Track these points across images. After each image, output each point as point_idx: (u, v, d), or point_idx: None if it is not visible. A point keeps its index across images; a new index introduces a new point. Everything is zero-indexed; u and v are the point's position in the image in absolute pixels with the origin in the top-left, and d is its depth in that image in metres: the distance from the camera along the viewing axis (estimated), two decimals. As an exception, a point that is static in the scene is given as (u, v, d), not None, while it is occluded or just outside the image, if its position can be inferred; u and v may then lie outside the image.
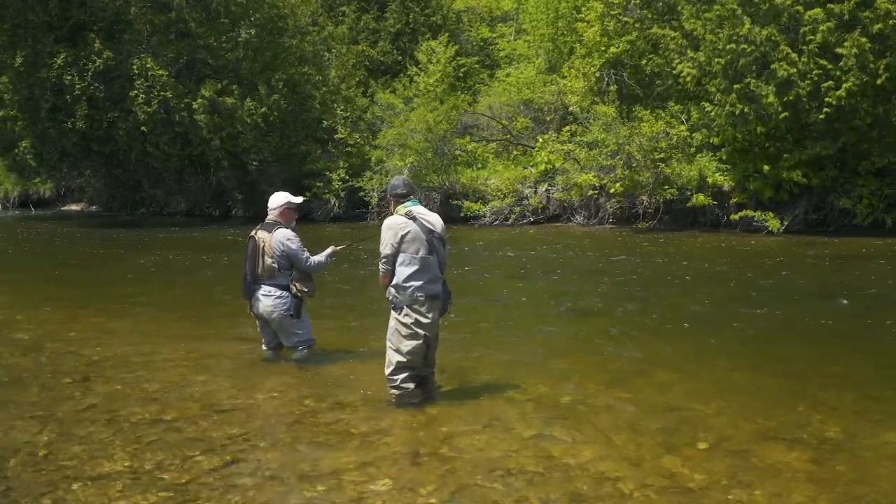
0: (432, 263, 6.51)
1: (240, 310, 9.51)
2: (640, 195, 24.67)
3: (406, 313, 6.54)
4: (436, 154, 28.36)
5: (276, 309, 7.80)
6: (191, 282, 15.04)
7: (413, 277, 6.48)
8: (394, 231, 6.49)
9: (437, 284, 6.56)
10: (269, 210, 7.98)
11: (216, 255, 19.35)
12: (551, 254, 18.24)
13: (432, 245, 6.48)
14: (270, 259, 7.68)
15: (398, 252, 6.47)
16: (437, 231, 6.57)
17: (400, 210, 6.58)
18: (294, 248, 7.75)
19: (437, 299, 6.57)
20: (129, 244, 22.94)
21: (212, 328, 10.21)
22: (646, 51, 25.90)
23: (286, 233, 7.78)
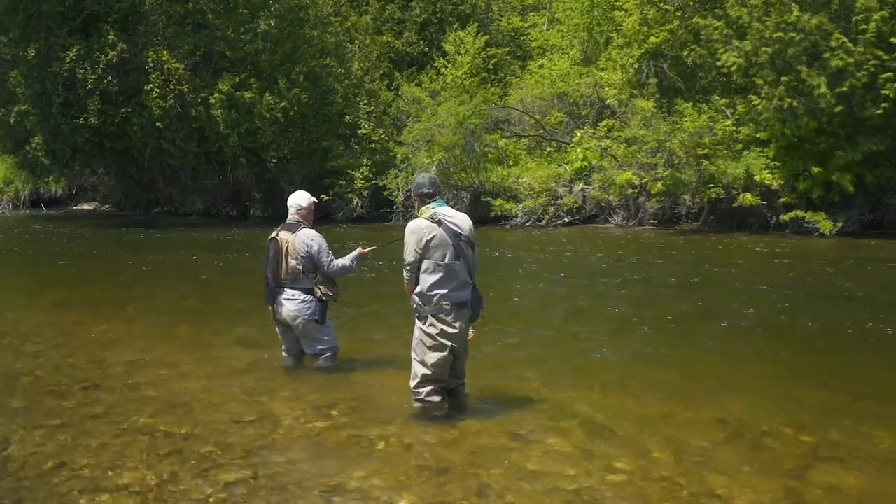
0: (459, 269, 6.47)
1: (259, 314, 9.60)
2: (682, 194, 24.55)
3: (431, 323, 6.53)
4: (465, 151, 28.26)
5: (300, 314, 7.80)
6: (207, 285, 15.16)
7: (438, 285, 6.46)
8: (417, 236, 6.47)
9: (464, 291, 6.53)
10: (289, 209, 8.00)
11: (233, 256, 19.55)
12: (588, 257, 18.24)
13: (459, 249, 6.45)
14: (294, 261, 7.68)
15: (422, 258, 6.45)
16: (464, 233, 6.52)
17: (424, 212, 6.56)
18: (318, 250, 7.75)
19: (464, 307, 6.54)
20: (143, 245, 23.11)
21: (229, 334, 10.22)
22: (687, 40, 25.89)
23: (310, 233, 7.79)
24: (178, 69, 30.08)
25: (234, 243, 23.21)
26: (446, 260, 6.42)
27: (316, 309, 7.81)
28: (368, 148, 31.77)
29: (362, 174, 30.69)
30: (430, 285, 6.48)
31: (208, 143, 31.22)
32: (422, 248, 6.42)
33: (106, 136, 30.81)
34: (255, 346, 9.38)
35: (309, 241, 7.72)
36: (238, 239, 24.62)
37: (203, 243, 23.25)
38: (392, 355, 8.76)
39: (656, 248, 19.79)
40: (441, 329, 6.51)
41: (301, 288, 7.81)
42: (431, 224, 6.45)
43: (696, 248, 19.64)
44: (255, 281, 12.30)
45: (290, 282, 7.79)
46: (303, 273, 7.76)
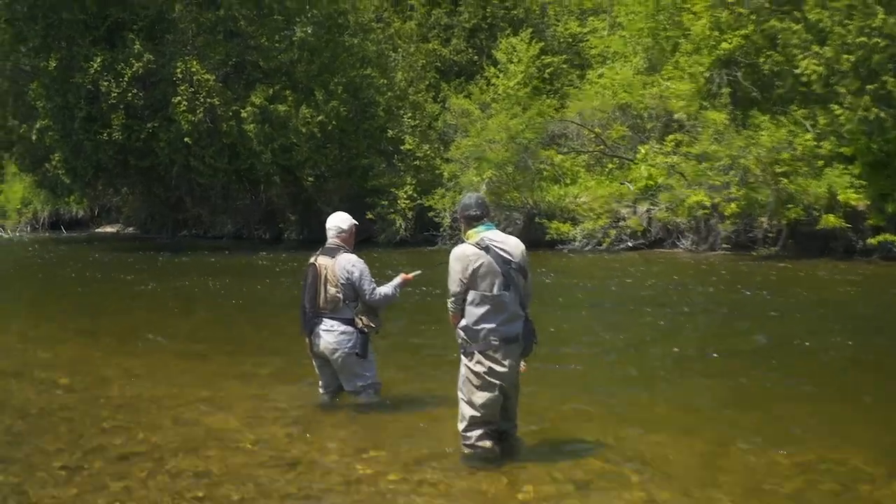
0: (509, 300, 6.48)
1: (293, 346, 9.69)
2: (758, 216, 24.43)
3: (478, 360, 6.54)
4: (517, 168, 28.42)
5: (339, 346, 7.86)
6: (237, 314, 15.35)
7: (485, 318, 6.48)
8: (462, 264, 6.47)
9: (514, 324, 6.53)
10: (328, 232, 8.07)
11: (265, 283, 19.74)
12: (643, 284, 18.23)
13: (509, 278, 6.45)
14: (334, 289, 7.74)
15: (468, 289, 6.47)
16: (515, 260, 6.52)
17: (472, 236, 6.57)
18: (360, 277, 7.80)
19: (514, 342, 6.54)
20: (169, 270, 23.47)
21: (261, 368, 10.30)
22: (763, 46, 25.73)
23: (351, 258, 7.85)
24: (208, 81, 30.30)
25: (267, 269, 23.39)
26: (494, 290, 6.44)
27: (357, 341, 7.86)
28: (413, 165, 31.90)
29: (406, 193, 30.80)
30: (476, 319, 6.48)
31: (240, 161, 31.36)
32: (468, 277, 6.44)
33: (131, 153, 31.11)
34: (289, 381, 9.47)
35: (349, 266, 7.77)
36: (271, 264, 24.83)
37: (233, 269, 23.49)
38: (438, 392, 8.77)
39: (726, 275, 19.72)
40: (489, 367, 6.52)
41: (341, 318, 7.86)
42: (478, 251, 6.46)
43: (773, 275, 19.56)
44: (289, 311, 12.73)
45: (329, 311, 7.83)
46: (343, 302, 7.80)
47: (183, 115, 29.96)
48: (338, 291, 7.74)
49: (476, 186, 27.73)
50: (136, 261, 27.10)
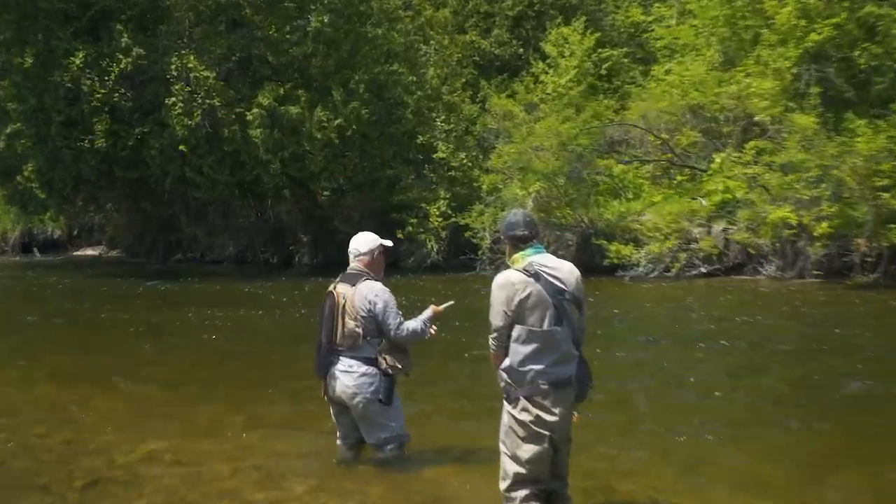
0: (561, 337, 6.51)
1: (306, 390, 9.85)
2: (854, 237, 24.23)
3: (523, 407, 6.57)
4: (570, 180, 28.56)
5: (359, 391, 7.93)
6: (239, 351, 15.45)
7: (533, 358, 6.50)
8: (507, 294, 6.48)
9: (567, 366, 6.58)
10: (350, 256, 8.16)
11: (270, 314, 19.89)
12: (731, 318, 18.19)
13: (562, 310, 6.48)
14: (353, 322, 7.84)
15: (513, 323, 6.49)
16: (568, 289, 6.54)
17: (518, 260, 6.61)
18: (384, 309, 7.84)
19: (566, 387, 6.58)
20: (158, 301, 23.43)
21: (269, 416, 10.36)
22: (859, 37, 25.65)
23: (374, 287, 7.91)
24: (207, 78, 30.31)
25: (274, 299, 23.44)
26: (544, 325, 6.46)
27: (380, 385, 7.91)
28: (447, 176, 32.04)
29: (438, 210, 30.86)
30: (522, 359, 6.51)
31: (244, 172, 31.41)
32: (513, 309, 6.45)
33: (116, 163, 31.01)
34: (300, 430, 9.53)
35: (372, 296, 7.82)
36: (277, 293, 24.87)
37: (234, 298, 23.55)
38: (476, 445, 8.84)
39: (814, 307, 19.66)
40: (537, 415, 6.54)
41: (361, 357, 7.93)
42: (526, 278, 6.48)
43: (869, 308, 19.38)
44: (298, 346, 13.47)
45: (348, 349, 7.90)
46: (363, 338, 7.87)
47: (178, 119, 29.93)
48: (357, 325, 7.82)
49: (521, 202, 27.87)
50: (121, 288, 27.25)
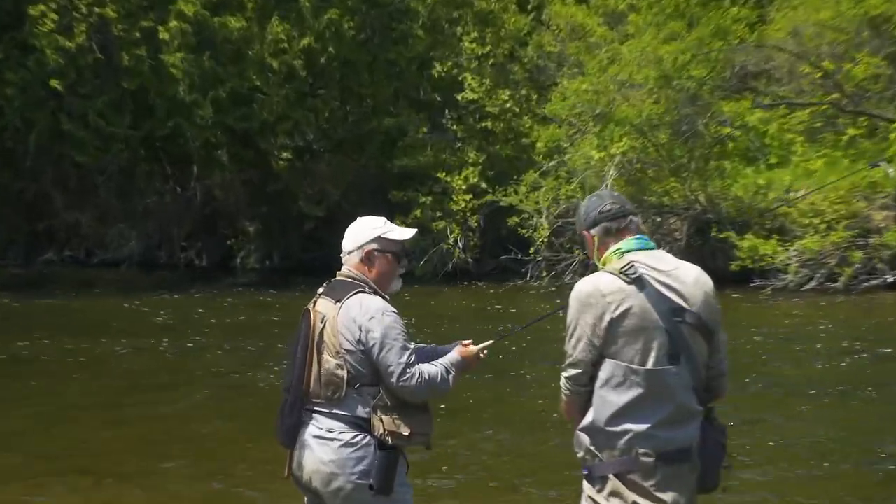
0: (676, 383, 6.38)
1: (262, 462, 10.98)
2: None
3: (614, 490, 6.43)
4: (677, 135, 28.84)
5: (340, 470, 7.55)
6: (156, 405, 16.05)
7: (631, 414, 6.37)
8: (595, 311, 6.36)
9: (684, 428, 6.43)
10: (343, 255, 8.00)
11: (205, 350, 20.78)
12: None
13: (679, 340, 6.37)
14: (334, 361, 7.52)
15: (601, 357, 6.40)
16: (691, 308, 6.45)
17: (611, 259, 6.50)
18: (381, 340, 7.49)
19: (682, 462, 6.39)
20: (10, 325, 24.05)
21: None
22: None
23: (371, 304, 7.58)
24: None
25: (195, 323, 24.19)
26: (649, 363, 6.37)
27: (373, 462, 7.53)
28: (479, 129, 32.53)
29: (466, 182, 31.24)
30: (614, 413, 6.42)
31: (154, 122, 32.08)
32: (602, 333, 6.37)
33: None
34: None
35: (364, 320, 7.51)
36: (203, 314, 25.55)
37: (143, 325, 24.17)
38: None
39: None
40: (634, 503, 6.38)
41: (344, 416, 7.62)
42: (624, 285, 6.36)
43: None
44: (235, 396, 15.48)
45: (326, 402, 7.63)
46: (349, 385, 7.55)
47: (48, 39, 30.14)
48: (340, 366, 7.54)
49: (597, 170, 28.84)
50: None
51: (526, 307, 25.07)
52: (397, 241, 7.71)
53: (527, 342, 18.26)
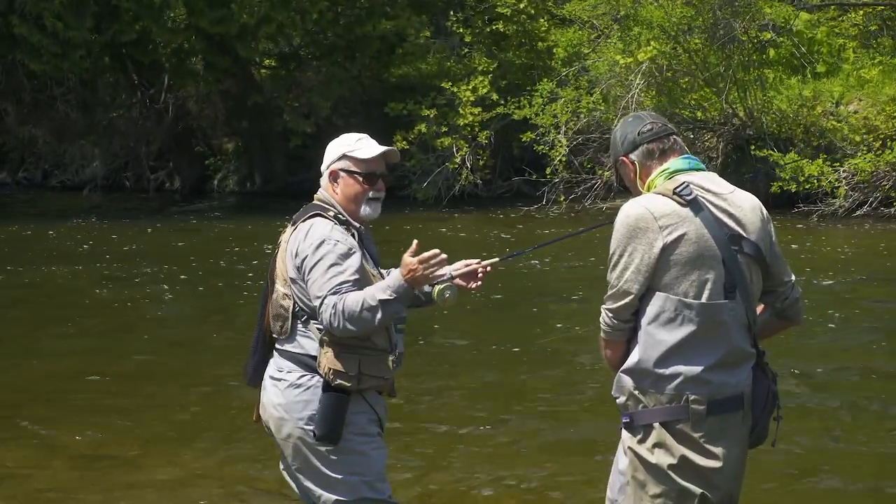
0: (732, 318, 6.14)
1: (238, 413, 11.55)
2: None
3: (658, 441, 6.19)
4: (711, 39, 28.44)
5: (288, 415, 7.47)
6: (119, 352, 15.74)
7: (682, 354, 6.14)
8: (646, 236, 6.16)
9: (739, 372, 6.21)
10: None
11: (161, 284, 20.65)
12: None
13: (737, 271, 6.12)
14: (283, 289, 7.47)
15: (649, 288, 6.15)
16: (749, 234, 6.26)
17: (659, 182, 6.24)
18: (311, 264, 7.40)
19: (735, 411, 6.21)
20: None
21: (182, 464, 11.12)
22: None
23: (317, 230, 7.40)
24: None
25: (179, 250, 24.49)
26: (704, 296, 6.15)
27: (316, 407, 7.42)
28: (488, 32, 32.39)
29: (474, 93, 30.67)
30: (664, 353, 6.20)
31: (119, 25, 31.38)
32: (653, 263, 6.14)
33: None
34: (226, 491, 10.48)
35: (305, 246, 7.44)
36: (171, 247, 25.25)
37: (105, 252, 24.13)
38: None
39: None
40: (682, 457, 6.18)
41: (294, 354, 7.52)
42: (678, 208, 6.16)
43: None
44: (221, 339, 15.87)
45: (279, 336, 7.59)
46: (294, 318, 7.48)
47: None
48: (287, 296, 7.47)
49: (622, 79, 28.44)
50: None
51: (541, 235, 24.71)
52: (364, 161, 7.45)
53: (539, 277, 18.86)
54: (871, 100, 27.66)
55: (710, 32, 27.89)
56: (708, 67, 28.14)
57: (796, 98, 28.00)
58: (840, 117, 27.58)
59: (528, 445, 11.21)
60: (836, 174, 26.37)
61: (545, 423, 11.76)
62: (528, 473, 10.15)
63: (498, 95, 30.37)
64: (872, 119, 26.99)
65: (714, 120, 28.50)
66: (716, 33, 27.86)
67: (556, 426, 11.78)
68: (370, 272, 7.50)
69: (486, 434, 11.47)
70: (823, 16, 31.04)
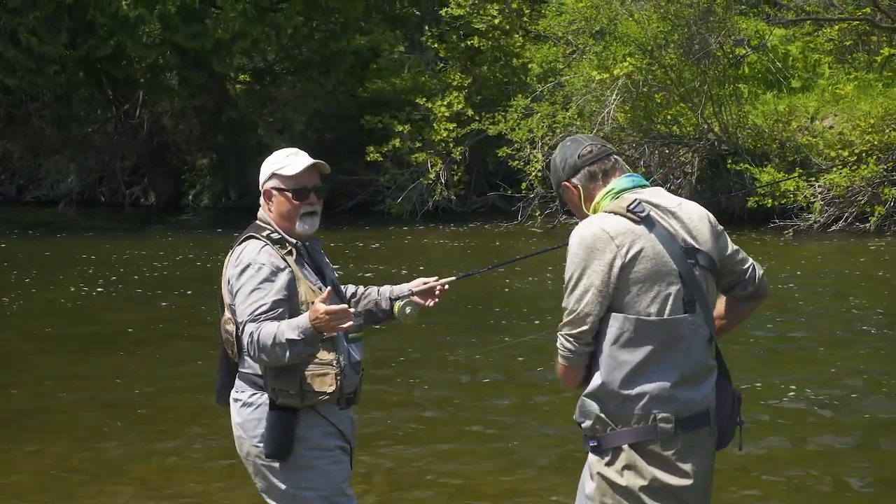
0: (692, 333, 6.22)
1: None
2: None
3: (628, 463, 6.19)
4: (687, 54, 28.21)
5: (245, 434, 7.64)
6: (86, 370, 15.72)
7: (647, 373, 6.19)
8: (603, 256, 6.18)
9: (701, 387, 6.30)
10: None
11: (135, 301, 20.65)
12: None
13: (693, 284, 6.23)
14: (227, 313, 7.61)
15: (609, 309, 6.18)
16: (701, 246, 6.35)
17: (604, 202, 6.36)
18: (237, 292, 7.60)
19: (702, 426, 6.26)
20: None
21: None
22: None
23: (245, 254, 7.56)
24: None
25: (127, 277, 23.63)
26: (665, 312, 6.20)
27: (265, 426, 7.64)
28: (463, 48, 32.45)
29: (449, 109, 30.78)
30: (628, 374, 6.25)
31: (95, 40, 31.37)
32: (613, 283, 6.18)
33: None
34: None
35: (232, 270, 7.64)
36: (139, 263, 25.14)
37: (48, 273, 23.89)
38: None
39: None
40: (653, 478, 6.21)
41: (246, 374, 7.72)
42: (632, 225, 6.23)
43: None
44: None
45: (237, 360, 7.79)
46: (237, 342, 7.61)
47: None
48: (229, 320, 7.60)
49: (597, 94, 28.40)
50: None
51: (515, 250, 24.61)
52: (292, 177, 7.53)
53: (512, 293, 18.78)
54: (846, 115, 27.49)
55: (685, 47, 27.83)
56: (683, 83, 28.05)
57: (771, 113, 27.99)
58: (815, 133, 27.49)
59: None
60: (811, 189, 26.54)
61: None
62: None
63: (473, 111, 30.60)
64: (847, 134, 26.85)
65: (689, 135, 28.30)
66: (691, 48, 27.77)
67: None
68: (308, 288, 7.57)
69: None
70: (799, 31, 31.05)
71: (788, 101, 28.28)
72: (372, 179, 31.12)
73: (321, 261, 7.75)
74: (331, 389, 7.40)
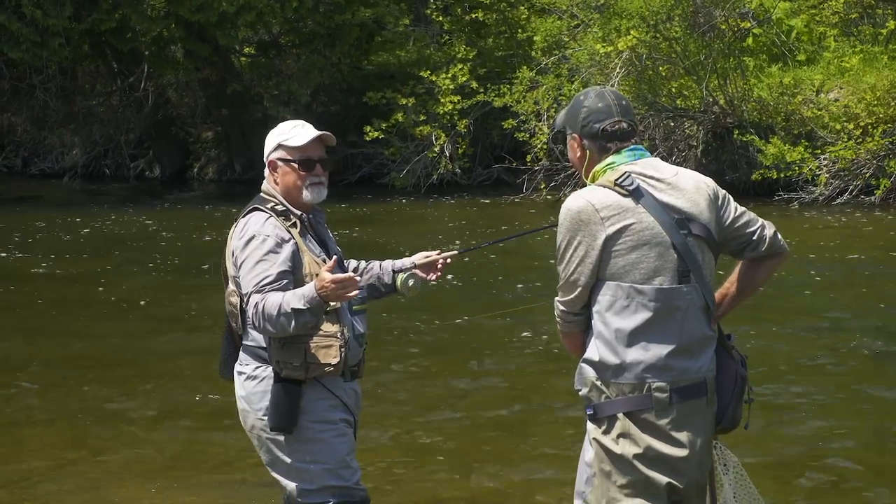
0: (687, 304, 6.37)
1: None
2: None
3: (623, 431, 6.41)
4: (691, 27, 28.69)
5: (249, 407, 7.84)
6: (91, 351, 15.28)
7: (640, 342, 6.37)
8: (589, 229, 6.44)
9: (699, 357, 6.43)
10: None
11: (131, 276, 20.59)
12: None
13: (687, 255, 6.35)
14: (231, 286, 7.82)
15: (600, 280, 6.43)
16: (697, 216, 6.46)
17: (601, 173, 6.51)
18: (242, 263, 7.75)
19: (699, 396, 6.40)
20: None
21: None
22: None
23: (250, 226, 7.69)
24: None
25: (127, 250, 23.77)
26: (657, 282, 6.39)
27: (269, 398, 7.77)
28: (468, 21, 32.76)
29: (454, 81, 30.89)
30: (620, 344, 6.47)
31: (98, 14, 31.56)
32: (598, 254, 6.41)
33: None
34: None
35: (237, 242, 7.80)
36: (147, 236, 25.14)
37: (85, 245, 24.01)
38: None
39: None
40: (648, 447, 6.38)
41: (250, 347, 7.86)
42: (620, 198, 6.40)
43: None
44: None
45: (241, 333, 7.91)
46: (243, 313, 7.75)
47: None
48: (233, 292, 7.80)
49: (602, 67, 28.70)
50: None
51: (520, 223, 24.78)
52: (298, 148, 7.62)
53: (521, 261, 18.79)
54: (851, 88, 27.89)
55: (690, 20, 28.34)
56: (688, 56, 28.41)
57: (777, 86, 28.34)
58: (820, 105, 27.87)
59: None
60: (816, 162, 26.84)
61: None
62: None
63: (477, 84, 30.78)
64: (853, 107, 27.17)
65: (694, 108, 28.61)
66: (696, 21, 28.34)
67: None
68: (312, 259, 7.73)
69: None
70: (804, 3, 31.18)
71: (794, 74, 28.80)
72: (377, 152, 31.51)
73: (325, 234, 7.94)
74: (335, 361, 7.56)
